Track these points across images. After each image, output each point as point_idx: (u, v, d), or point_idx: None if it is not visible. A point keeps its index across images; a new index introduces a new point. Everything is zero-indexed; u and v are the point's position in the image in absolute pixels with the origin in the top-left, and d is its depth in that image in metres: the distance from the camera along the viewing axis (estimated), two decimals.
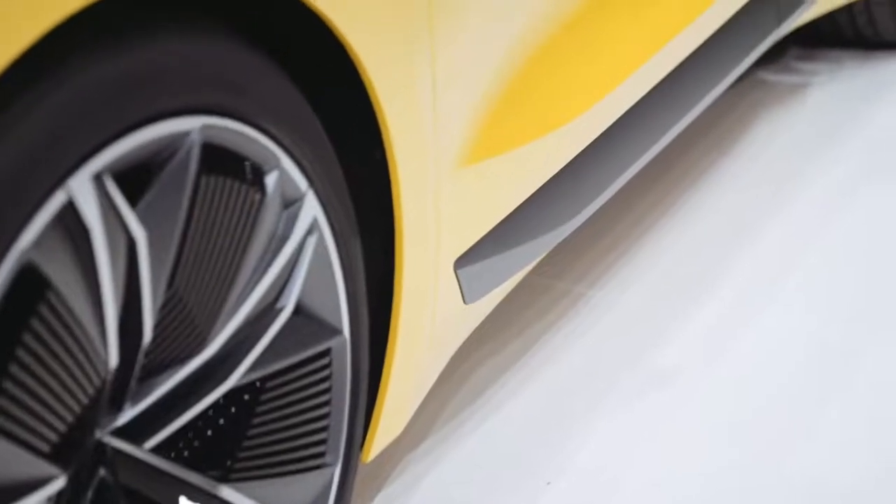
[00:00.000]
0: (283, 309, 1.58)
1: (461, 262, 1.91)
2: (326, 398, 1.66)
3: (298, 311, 1.60)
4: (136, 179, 1.36)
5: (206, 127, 1.42)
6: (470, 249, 1.94)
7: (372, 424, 1.82)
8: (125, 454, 1.43)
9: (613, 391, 2.28)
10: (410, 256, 1.75)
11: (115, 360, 1.37)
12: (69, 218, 1.28)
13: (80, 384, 1.34)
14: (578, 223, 2.20)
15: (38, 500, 1.30)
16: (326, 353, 1.65)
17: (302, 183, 1.56)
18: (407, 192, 1.70)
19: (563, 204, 2.16)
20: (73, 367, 1.32)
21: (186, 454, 1.55)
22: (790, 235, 2.72)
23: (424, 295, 1.82)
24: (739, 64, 2.73)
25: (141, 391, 1.44)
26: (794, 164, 2.99)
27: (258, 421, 1.60)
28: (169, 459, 1.50)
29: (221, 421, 1.58)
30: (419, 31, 1.71)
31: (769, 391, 2.27)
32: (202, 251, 1.45)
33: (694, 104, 2.56)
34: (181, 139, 1.39)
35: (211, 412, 1.56)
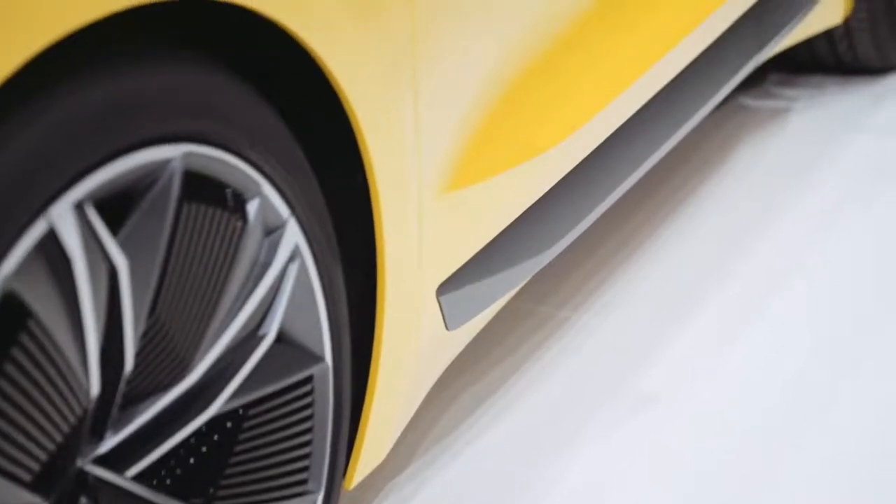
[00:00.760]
0: (264, 336, 1.58)
1: (443, 288, 1.91)
2: (309, 425, 1.66)
3: (280, 338, 1.60)
4: (117, 207, 1.36)
5: (187, 154, 1.42)
6: (452, 275, 1.94)
7: (354, 451, 1.82)
8: (107, 482, 1.43)
9: (597, 415, 2.28)
10: (392, 283, 1.75)
11: (96, 388, 1.37)
12: (50, 246, 1.28)
13: (61, 412, 1.33)
14: (561, 248, 2.20)
15: None
16: (308, 380, 1.65)
17: (283, 210, 1.56)
18: (389, 219, 1.70)
19: (545, 229, 2.16)
20: (54, 395, 1.32)
21: (168, 482, 1.55)
22: (773, 258, 2.72)
23: (407, 321, 1.82)
24: (720, 89, 2.74)
25: (123, 419, 1.44)
26: (775, 188, 3.00)
27: (240, 448, 1.60)
28: (151, 488, 1.50)
29: (204, 448, 1.58)
30: (401, 58, 1.71)
31: (754, 414, 2.27)
32: (184, 279, 1.45)
33: (675, 129, 2.56)
34: (163, 167, 1.39)
35: (193, 440, 1.56)
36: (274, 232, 1.56)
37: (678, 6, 2.61)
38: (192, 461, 1.57)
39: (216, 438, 1.58)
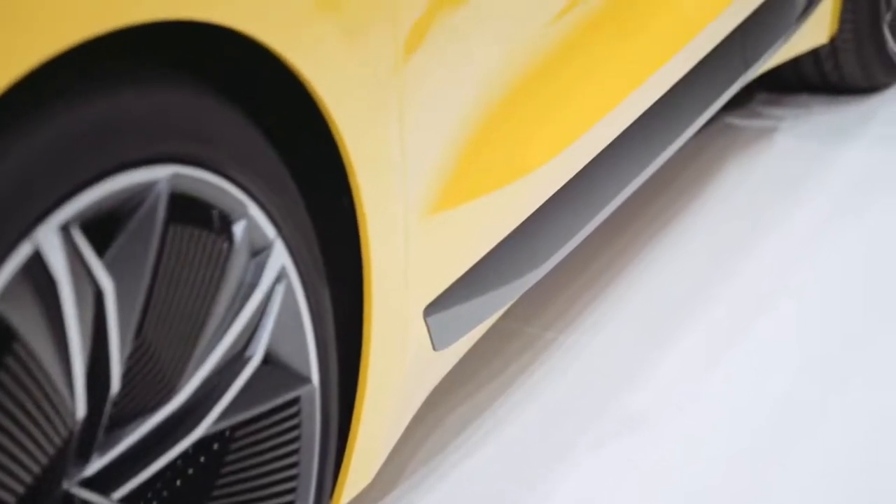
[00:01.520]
0: (251, 357, 1.58)
1: (430, 308, 1.91)
2: (296, 447, 1.66)
3: (267, 359, 1.60)
4: (103, 228, 1.36)
5: (173, 176, 1.42)
6: (439, 296, 1.94)
7: (342, 472, 1.81)
8: None
9: (585, 435, 2.28)
10: (379, 304, 1.75)
11: (82, 410, 1.37)
12: (36, 269, 1.28)
13: (47, 435, 1.33)
14: (548, 269, 2.21)
15: None
16: (295, 401, 1.64)
17: (270, 231, 1.56)
18: (375, 240, 1.70)
19: (531, 250, 2.17)
20: (40, 417, 1.32)
21: None
22: (760, 277, 2.73)
23: (394, 342, 1.82)
24: (707, 109, 2.74)
25: (109, 441, 1.44)
26: (762, 208, 3.00)
27: (227, 470, 1.60)
28: None
29: (190, 471, 1.57)
30: (386, 79, 1.71)
31: (741, 436, 2.27)
32: (170, 300, 1.45)
33: (662, 150, 2.57)
34: (149, 188, 1.39)
35: (180, 462, 1.56)
36: (260, 253, 1.56)
37: (664, 27, 2.62)
38: (178, 483, 1.56)
39: (203, 460, 1.58)
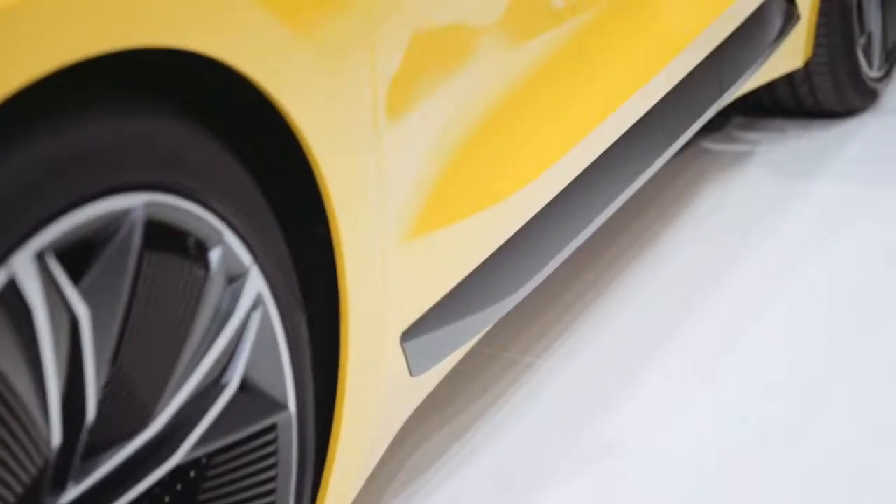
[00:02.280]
0: (227, 384, 1.57)
1: (407, 334, 1.91)
2: (273, 473, 1.66)
3: (244, 386, 1.60)
4: (79, 256, 1.36)
5: (149, 203, 1.42)
6: (416, 322, 1.94)
7: (318, 499, 1.81)
8: None
9: (563, 460, 2.28)
10: (356, 330, 1.75)
11: (58, 438, 1.36)
12: (11, 297, 1.28)
13: (22, 463, 1.33)
14: (525, 294, 2.21)
15: None
16: (272, 428, 1.64)
17: (246, 258, 1.56)
18: (352, 266, 1.70)
19: (508, 275, 2.17)
20: (14, 446, 1.31)
21: None
22: (735, 305, 2.73)
23: (370, 369, 1.82)
24: (683, 133, 2.76)
25: (85, 469, 1.43)
26: (738, 233, 3.01)
27: (204, 498, 1.59)
28: None
29: (167, 498, 1.57)
30: (364, 107, 1.72)
31: (715, 463, 2.27)
32: (146, 327, 1.45)
33: (638, 174, 2.58)
34: (124, 216, 1.39)
35: (156, 489, 1.55)
36: (236, 280, 1.56)
37: (641, 51, 2.63)
38: None
39: (180, 488, 1.58)
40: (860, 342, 2.58)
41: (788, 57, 3.28)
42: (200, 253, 1.51)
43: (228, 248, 1.54)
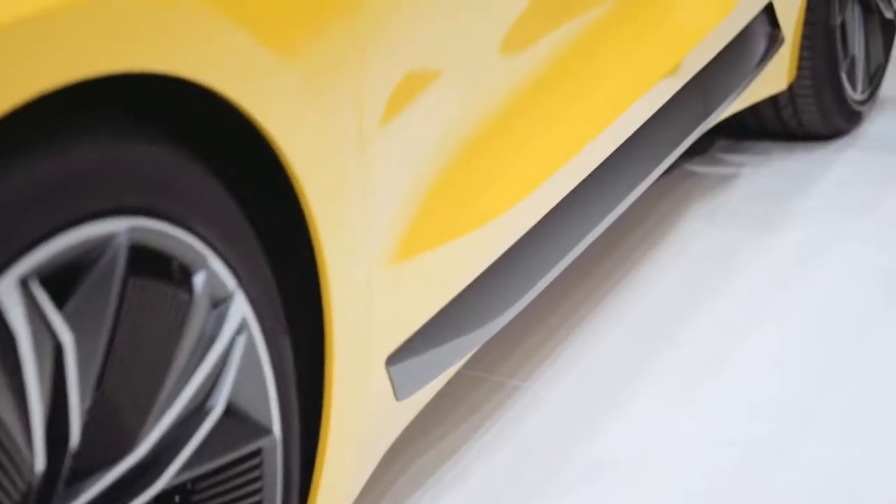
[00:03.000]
0: (212, 409, 1.57)
1: (393, 358, 1.91)
2: (258, 498, 1.65)
3: (228, 410, 1.60)
4: (63, 281, 1.36)
5: (133, 228, 1.42)
6: (402, 345, 1.94)
7: None
8: None
9: (550, 482, 2.28)
10: (341, 354, 1.75)
11: (41, 463, 1.36)
12: None
13: (5, 489, 1.32)
14: (510, 317, 2.21)
15: None
16: (257, 452, 1.64)
17: (230, 282, 1.56)
18: (337, 290, 1.70)
19: (494, 298, 2.17)
20: None
21: None
22: (721, 326, 2.74)
23: (356, 392, 1.82)
24: (668, 156, 2.76)
25: (69, 494, 1.42)
26: (724, 254, 3.02)
27: None
28: None
29: None
30: (349, 130, 1.72)
31: (703, 484, 2.27)
32: (130, 352, 1.45)
33: (623, 197, 2.58)
34: (108, 241, 1.39)
35: None
36: (221, 304, 1.56)
37: (625, 74, 2.63)
38: None
39: None
40: (846, 363, 2.58)
41: (772, 79, 3.29)
42: (184, 277, 1.51)
43: (213, 272, 1.53)
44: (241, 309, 1.58)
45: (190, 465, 1.55)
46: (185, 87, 1.47)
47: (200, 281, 1.52)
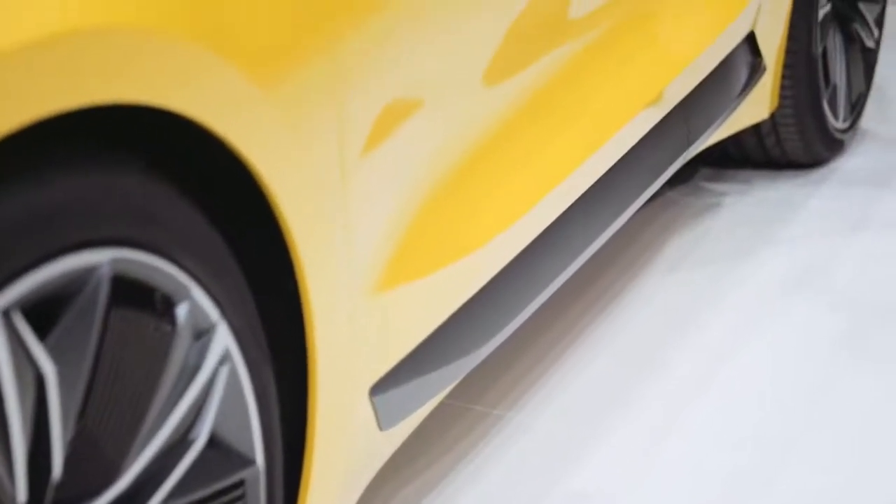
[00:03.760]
0: (195, 440, 1.57)
1: (377, 388, 1.91)
2: None
3: (212, 441, 1.59)
4: (45, 312, 1.36)
5: (116, 259, 1.42)
6: (385, 375, 1.94)
7: None
8: None
9: None
10: (324, 385, 1.75)
11: (23, 495, 1.35)
12: None
13: None
14: (493, 347, 2.21)
15: None
16: (240, 484, 1.63)
17: (213, 313, 1.56)
18: (320, 321, 1.70)
19: (477, 328, 2.17)
20: None
21: None
22: (705, 355, 2.74)
23: (339, 423, 1.81)
24: (650, 184, 2.77)
25: None
26: (707, 283, 3.02)
27: None
28: None
29: None
30: (331, 161, 1.72)
31: None
32: (113, 383, 1.44)
33: (606, 226, 2.58)
34: (91, 272, 1.39)
35: None
36: (204, 335, 1.56)
37: (607, 104, 2.64)
38: None
39: None
40: (833, 390, 2.59)
41: (755, 108, 3.30)
42: (167, 308, 1.50)
43: (195, 303, 1.53)
44: (224, 340, 1.58)
45: (173, 496, 1.55)
46: (171, 120, 1.47)
47: (183, 312, 1.52)
